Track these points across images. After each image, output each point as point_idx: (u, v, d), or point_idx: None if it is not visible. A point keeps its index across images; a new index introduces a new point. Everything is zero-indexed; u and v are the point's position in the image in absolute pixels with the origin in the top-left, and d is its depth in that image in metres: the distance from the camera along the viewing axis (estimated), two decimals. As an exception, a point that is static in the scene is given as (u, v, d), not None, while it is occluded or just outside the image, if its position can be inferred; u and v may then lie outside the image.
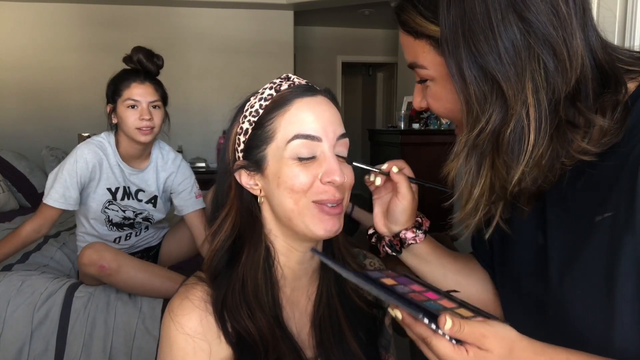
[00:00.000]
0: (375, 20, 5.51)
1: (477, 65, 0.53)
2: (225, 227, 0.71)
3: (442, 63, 0.57)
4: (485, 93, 0.54)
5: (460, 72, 0.54)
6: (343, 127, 0.70)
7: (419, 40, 0.61)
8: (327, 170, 0.65)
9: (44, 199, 1.60)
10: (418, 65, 0.63)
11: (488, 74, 0.53)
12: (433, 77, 0.62)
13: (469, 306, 0.58)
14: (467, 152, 0.57)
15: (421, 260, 0.81)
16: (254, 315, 0.67)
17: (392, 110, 6.19)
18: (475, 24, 0.53)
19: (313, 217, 0.66)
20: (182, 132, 3.24)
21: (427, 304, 0.57)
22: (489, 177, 0.57)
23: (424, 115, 3.28)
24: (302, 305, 0.75)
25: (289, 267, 0.73)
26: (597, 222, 0.55)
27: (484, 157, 0.57)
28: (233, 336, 0.67)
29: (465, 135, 0.57)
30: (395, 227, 0.79)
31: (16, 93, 4.24)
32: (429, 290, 0.62)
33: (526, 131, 0.53)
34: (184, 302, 0.68)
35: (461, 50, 0.54)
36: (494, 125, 0.54)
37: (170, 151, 1.83)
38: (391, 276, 0.67)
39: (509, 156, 0.54)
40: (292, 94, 0.68)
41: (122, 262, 1.52)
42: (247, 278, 0.69)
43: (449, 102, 0.61)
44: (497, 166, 0.56)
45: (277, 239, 0.72)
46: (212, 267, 0.71)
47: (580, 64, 0.53)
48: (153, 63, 1.66)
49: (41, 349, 1.51)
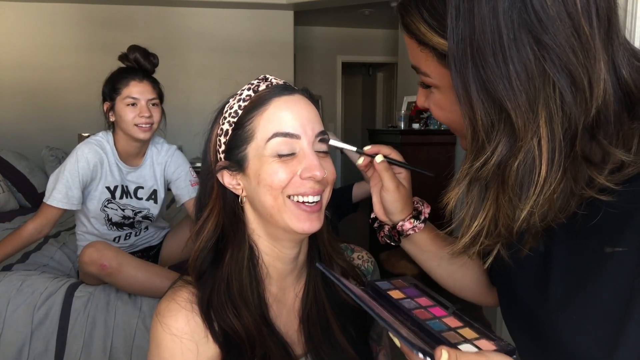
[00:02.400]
0: (375, 20, 5.51)
1: (485, 90, 0.48)
2: (207, 227, 0.72)
3: (446, 74, 0.52)
4: (493, 120, 0.48)
5: (467, 95, 0.49)
6: (322, 124, 0.71)
7: (423, 47, 0.55)
8: (307, 166, 0.66)
9: (46, 199, 1.60)
10: (421, 71, 0.58)
11: (496, 100, 0.47)
12: (437, 86, 0.58)
13: (475, 326, 0.56)
14: (469, 182, 0.52)
15: (419, 248, 0.80)
16: (240, 314, 0.68)
17: (392, 110, 6.19)
18: (484, 44, 0.47)
19: (291, 213, 0.67)
20: (182, 132, 3.20)
21: (430, 323, 0.56)
22: (492, 212, 0.52)
23: (424, 115, 3.27)
24: (289, 303, 0.76)
25: (273, 267, 0.73)
26: (607, 253, 0.50)
27: (487, 189, 0.52)
28: (220, 335, 0.67)
29: (468, 164, 0.52)
30: (393, 217, 0.77)
31: (16, 93, 4.23)
32: (436, 305, 0.61)
33: (537, 163, 0.47)
34: (170, 304, 0.69)
35: (469, 72, 0.48)
36: (501, 156, 0.48)
37: (164, 143, 1.85)
38: (400, 287, 0.66)
39: (515, 192, 0.49)
40: (270, 94, 0.69)
41: (123, 261, 1.52)
42: (231, 277, 0.70)
43: (452, 113, 0.57)
44: (502, 202, 0.51)
45: (260, 238, 0.73)
46: (196, 267, 0.72)
47: (602, 91, 0.46)
48: (149, 61, 1.67)
49: (41, 349, 1.51)
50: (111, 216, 1.74)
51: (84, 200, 1.68)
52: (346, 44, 6.12)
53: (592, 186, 0.50)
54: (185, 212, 1.93)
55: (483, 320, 1.42)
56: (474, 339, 0.54)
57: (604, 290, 0.51)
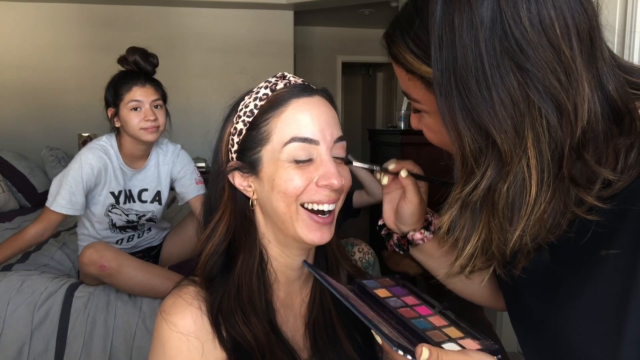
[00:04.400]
0: (375, 20, 5.51)
1: (470, 117, 0.48)
2: (219, 231, 0.70)
3: (435, 101, 0.52)
4: (481, 146, 0.48)
5: (454, 122, 0.49)
6: (340, 129, 0.69)
7: (411, 76, 0.56)
8: (325, 174, 0.64)
9: (49, 204, 1.60)
10: (411, 98, 0.59)
11: (482, 127, 0.48)
12: (427, 111, 0.58)
13: (461, 325, 0.57)
14: (461, 206, 0.53)
15: (428, 256, 0.80)
16: (249, 320, 0.66)
17: (392, 110, 6.19)
18: (467, 72, 0.47)
19: (304, 223, 0.65)
20: (182, 132, 3.20)
21: (415, 322, 0.56)
22: (484, 235, 0.53)
23: (424, 115, 3.27)
24: (296, 308, 0.74)
25: (281, 272, 0.72)
26: (602, 256, 0.51)
27: (480, 212, 0.52)
28: (228, 342, 0.66)
29: (458, 189, 0.52)
30: (404, 227, 0.77)
31: (16, 93, 4.23)
32: (422, 304, 0.61)
33: (527, 184, 0.48)
34: (177, 301, 0.67)
35: (454, 100, 0.48)
36: (490, 180, 0.49)
37: (169, 143, 1.85)
38: (387, 286, 0.66)
39: (506, 215, 0.49)
40: (289, 94, 0.66)
41: (122, 261, 1.52)
42: (242, 283, 0.68)
43: (444, 136, 0.56)
44: (493, 226, 0.51)
45: (269, 243, 0.71)
46: (206, 272, 0.70)
47: (587, 111, 0.47)
48: (149, 63, 1.66)
49: (41, 349, 1.51)
50: (115, 221, 1.74)
51: (87, 205, 1.68)
52: (346, 44, 6.12)
53: (582, 205, 0.50)
54: (186, 212, 1.94)
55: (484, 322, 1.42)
56: (458, 337, 0.54)
57: (601, 292, 0.51)
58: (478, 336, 0.55)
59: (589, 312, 0.53)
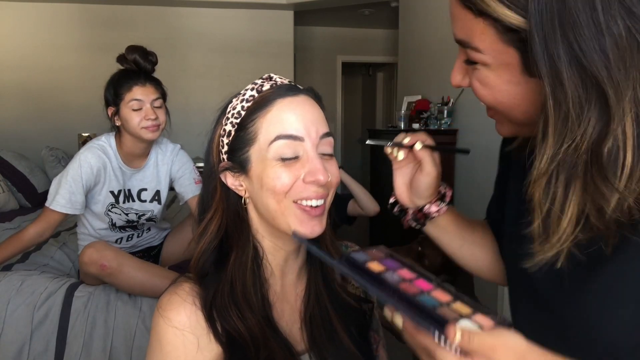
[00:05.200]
0: (375, 20, 5.51)
1: (578, 63, 0.44)
2: (210, 229, 0.72)
3: (505, 51, 0.50)
4: (582, 97, 0.45)
5: (555, 70, 0.45)
6: (327, 126, 0.70)
7: (480, 20, 0.50)
8: (311, 170, 0.65)
9: (48, 204, 1.60)
10: (472, 46, 0.53)
11: (589, 74, 0.44)
12: (487, 63, 0.53)
13: (463, 299, 0.54)
14: (556, 170, 0.48)
15: (442, 230, 0.81)
16: (244, 315, 0.68)
17: (392, 110, 6.19)
18: (577, 13, 0.44)
19: (295, 218, 0.66)
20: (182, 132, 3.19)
21: (421, 299, 0.53)
22: (579, 204, 0.49)
23: (424, 115, 3.27)
24: (292, 302, 0.76)
25: (277, 265, 0.74)
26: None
27: (575, 178, 0.48)
28: (223, 336, 0.67)
29: (552, 149, 0.48)
30: (419, 201, 0.78)
31: (16, 93, 4.24)
32: (419, 277, 0.58)
33: (621, 148, 0.45)
34: (172, 297, 0.69)
35: (558, 46, 0.45)
36: (592, 138, 0.45)
37: (168, 143, 1.85)
38: (377, 258, 0.61)
39: (605, 176, 0.46)
40: (274, 94, 0.68)
41: (122, 261, 1.52)
42: (235, 279, 0.70)
43: (501, 94, 0.54)
44: (590, 191, 0.47)
45: (264, 238, 0.73)
46: (199, 268, 0.72)
47: None
48: (149, 61, 1.66)
49: (41, 349, 1.51)
50: (115, 220, 1.74)
51: (88, 204, 1.68)
52: (346, 44, 6.12)
53: None
54: (186, 212, 1.94)
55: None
56: (469, 314, 0.52)
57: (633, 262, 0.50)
58: (485, 310, 0.54)
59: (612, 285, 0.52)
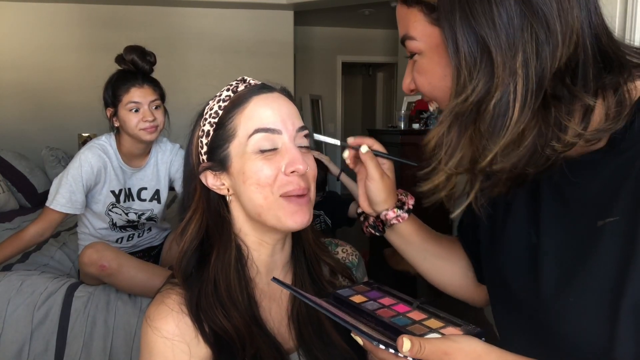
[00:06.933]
0: (375, 20, 5.51)
1: (471, 30, 0.51)
2: (190, 229, 0.72)
3: (433, 34, 0.57)
4: (476, 59, 0.52)
5: (453, 35, 0.53)
6: (302, 120, 0.72)
7: (412, 8, 0.59)
8: (290, 160, 0.67)
9: (49, 204, 1.60)
10: (408, 36, 0.61)
11: (480, 39, 0.51)
12: (421, 50, 0.60)
13: (440, 315, 0.57)
14: (451, 120, 0.55)
15: (404, 240, 0.82)
16: (229, 314, 0.68)
17: (392, 110, 6.19)
18: None
19: (283, 209, 0.67)
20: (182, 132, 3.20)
21: (394, 320, 0.56)
22: (467, 152, 0.55)
23: (424, 115, 3.27)
24: (277, 298, 0.76)
25: (261, 261, 0.74)
26: (599, 226, 0.53)
27: (465, 128, 0.54)
28: (210, 336, 0.68)
29: (451, 103, 0.55)
30: (377, 207, 0.79)
31: (16, 93, 4.23)
32: (400, 302, 0.62)
33: (511, 105, 0.51)
34: (159, 307, 0.69)
35: (456, 14, 0.52)
36: (479, 95, 0.52)
37: (168, 142, 1.85)
38: (362, 292, 0.67)
39: (488, 131, 0.52)
40: (249, 93, 0.70)
41: (122, 261, 1.52)
42: (218, 278, 0.70)
43: (434, 77, 0.60)
44: (475, 140, 0.54)
45: (247, 236, 0.73)
46: (181, 269, 0.72)
47: (574, 42, 0.51)
48: (147, 62, 1.65)
49: (41, 349, 1.51)
50: (115, 220, 1.74)
51: (88, 204, 1.68)
52: (346, 44, 6.12)
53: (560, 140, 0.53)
54: (186, 212, 1.93)
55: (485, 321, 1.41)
56: (439, 327, 0.54)
57: (599, 265, 0.53)
58: (459, 323, 0.56)
59: (587, 289, 0.54)
